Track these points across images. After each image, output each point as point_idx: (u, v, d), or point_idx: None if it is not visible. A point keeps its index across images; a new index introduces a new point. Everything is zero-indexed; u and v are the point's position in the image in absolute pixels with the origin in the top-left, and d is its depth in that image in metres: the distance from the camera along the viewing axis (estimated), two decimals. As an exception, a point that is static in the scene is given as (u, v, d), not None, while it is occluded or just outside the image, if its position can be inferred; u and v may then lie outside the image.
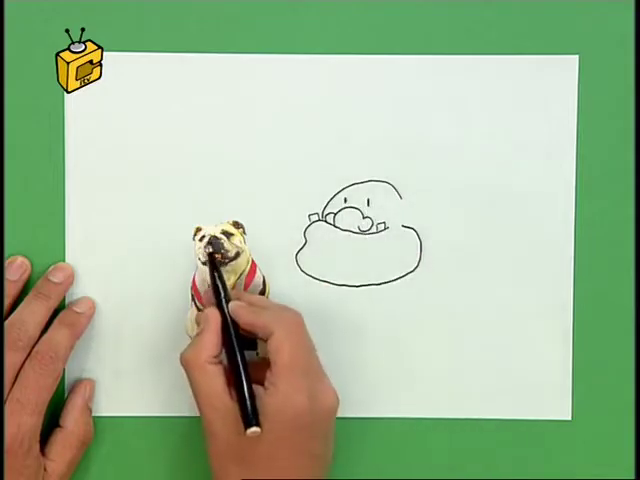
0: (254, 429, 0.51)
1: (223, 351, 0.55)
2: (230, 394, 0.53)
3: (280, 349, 0.53)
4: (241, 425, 0.52)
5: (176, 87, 0.59)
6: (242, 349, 0.54)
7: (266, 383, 0.53)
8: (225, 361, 0.55)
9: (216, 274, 0.57)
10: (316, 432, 0.54)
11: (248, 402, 0.52)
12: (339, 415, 0.60)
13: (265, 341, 0.54)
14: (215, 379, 0.53)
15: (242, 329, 0.55)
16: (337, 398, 0.55)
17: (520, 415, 0.60)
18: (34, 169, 0.59)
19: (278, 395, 0.52)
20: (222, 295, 0.56)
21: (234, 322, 0.55)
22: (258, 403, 0.52)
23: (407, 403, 0.60)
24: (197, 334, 0.55)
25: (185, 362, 0.54)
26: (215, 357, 0.54)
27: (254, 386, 0.53)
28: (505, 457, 0.61)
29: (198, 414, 0.60)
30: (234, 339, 0.54)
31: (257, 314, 0.55)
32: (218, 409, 0.53)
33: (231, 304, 0.55)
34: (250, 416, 0.52)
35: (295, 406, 0.52)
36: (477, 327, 0.60)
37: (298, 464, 0.54)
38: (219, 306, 0.55)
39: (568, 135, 0.59)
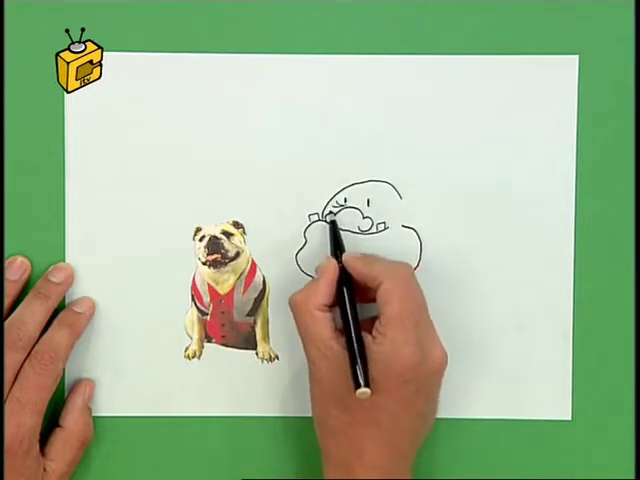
0: (363, 390, 0.51)
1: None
2: (338, 340, 0.54)
3: (389, 300, 0.53)
4: (347, 371, 0.52)
5: (176, 87, 0.59)
6: (354, 300, 0.55)
7: (374, 332, 0.53)
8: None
9: (339, 234, 0.58)
10: (422, 387, 0.54)
11: (359, 361, 0.52)
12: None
13: (374, 293, 0.54)
14: (323, 325, 0.54)
15: (355, 280, 0.55)
16: (446, 356, 0.55)
17: (520, 415, 0.60)
18: (34, 169, 0.59)
19: (386, 344, 0.53)
20: (340, 247, 0.57)
21: (348, 274, 0.55)
22: (366, 351, 0.53)
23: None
24: (312, 280, 0.56)
25: (293, 304, 0.55)
26: (325, 305, 0.54)
27: (362, 333, 0.53)
28: (505, 457, 0.61)
29: (197, 414, 0.60)
30: (345, 289, 0.55)
31: (369, 265, 0.55)
32: (325, 354, 0.54)
33: (345, 255, 0.56)
34: (361, 376, 0.52)
35: (402, 357, 0.52)
36: (477, 327, 0.60)
37: (401, 416, 0.54)
38: (335, 257, 0.56)
39: (568, 135, 0.59)
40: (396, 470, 0.54)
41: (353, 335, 0.53)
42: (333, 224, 0.59)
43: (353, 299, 0.55)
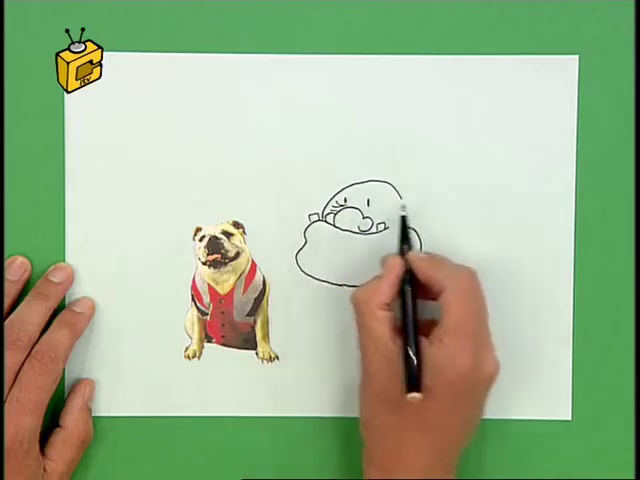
0: (414, 394, 0.51)
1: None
2: (394, 340, 0.53)
3: (450, 308, 0.53)
4: (400, 373, 0.52)
5: (176, 87, 0.59)
6: (415, 302, 0.55)
7: (432, 337, 0.53)
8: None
9: (404, 223, 0.57)
10: (472, 396, 0.54)
11: (414, 365, 0.52)
12: (341, 415, 0.60)
13: (436, 294, 0.54)
14: (383, 324, 0.54)
15: (417, 279, 0.55)
16: (499, 366, 0.55)
17: (520, 415, 0.60)
18: (34, 169, 0.59)
19: (442, 351, 0.53)
20: (406, 247, 0.56)
21: (412, 272, 0.55)
22: (421, 355, 0.53)
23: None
24: (375, 277, 0.55)
25: (356, 301, 0.55)
26: (386, 304, 0.54)
27: (420, 337, 0.53)
28: (505, 457, 0.61)
29: (197, 414, 0.60)
30: (409, 291, 0.55)
31: (434, 268, 0.55)
32: (380, 353, 0.54)
33: (412, 254, 0.56)
34: (413, 380, 0.52)
35: (458, 365, 0.52)
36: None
37: (448, 422, 0.54)
38: (401, 252, 0.56)
39: (568, 135, 0.59)
40: (440, 473, 0.55)
41: (411, 338, 0.53)
42: (404, 220, 0.58)
43: (415, 301, 0.55)
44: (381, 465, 0.55)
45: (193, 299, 0.60)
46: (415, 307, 0.54)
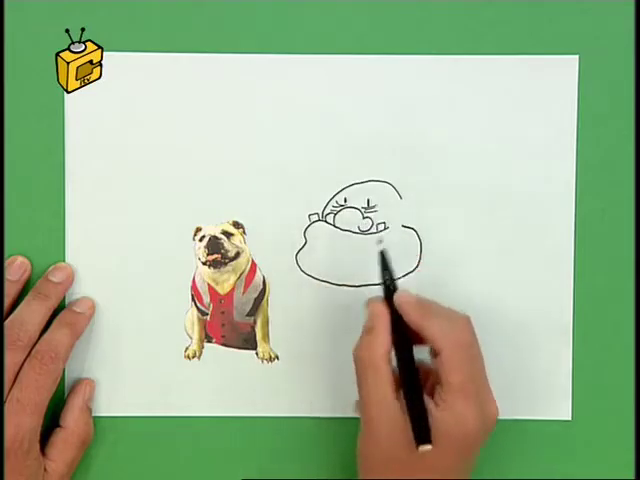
0: (427, 447, 0.51)
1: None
2: (399, 398, 0.52)
3: (451, 370, 0.52)
4: (405, 436, 0.51)
5: (176, 87, 0.59)
6: (411, 351, 0.53)
7: (436, 398, 0.52)
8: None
9: (388, 270, 0.55)
10: (477, 448, 0.54)
11: (421, 417, 0.51)
12: (341, 415, 0.60)
13: (434, 355, 0.53)
14: (388, 383, 0.52)
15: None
16: (498, 409, 0.54)
17: (520, 415, 0.60)
18: (34, 169, 0.59)
19: (448, 413, 0.52)
20: (392, 289, 0.54)
21: (401, 317, 0.53)
22: (427, 415, 0.52)
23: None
24: (367, 329, 0.54)
25: (360, 360, 0.53)
26: (389, 354, 0.53)
27: (424, 396, 0.52)
28: (505, 457, 0.61)
29: (197, 414, 0.60)
30: (402, 343, 0.53)
31: (426, 319, 0.53)
32: (387, 415, 0.52)
33: (398, 295, 0.54)
34: (424, 433, 0.51)
35: (467, 426, 0.52)
36: (477, 327, 0.60)
37: (457, 476, 0.53)
38: (388, 300, 0.54)
39: (568, 135, 0.59)
40: None
41: (415, 391, 0.52)
42: (383, 255, 0.55)
43: (411, 350, 0.53)
44: None
45: (193, 299, 0.60)
46: (412, 356, 0.53)
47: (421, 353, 0.54)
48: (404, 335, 0.53)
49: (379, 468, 0.54)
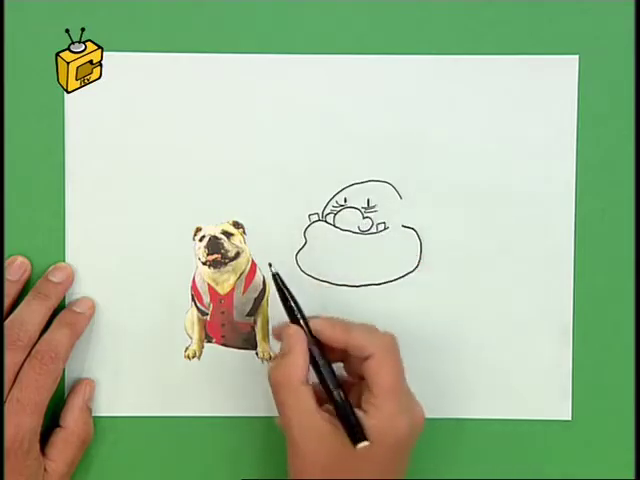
0: (365, 443, 0.51)
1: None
2: (321, 413, 0.53)
3: (381, 372, 0.53)
4: (336, 446, 0.52)
5: (176, 87, 0.59)
6: (331, 366, 0.54)
7: (365, 405, 0.53)
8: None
9: (287, 293, 0.55)
10: (409, 451, 0.54)
11: (352, 417, 0.52)
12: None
13: (359, 360, 0.53)
14: (309, 400, 0.53)
15: (327, 346, 0.54)
16: (424, 413, 0.54)
17: (520, 415, 0.60)
18: (34, 169, 0.59)
19: (381, 417, 0.52)
20: (299, 315, 0.55)
21: (317, 339, 0.54)
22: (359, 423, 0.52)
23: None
24: (283, 353, 0.54)
25: (276, 383, 0.54)
26: (305, 376, 0.53)
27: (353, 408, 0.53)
28: (505, 457, 0.61)
29: (197, 414, 0.60)
30: (322, 358, 0.54)
31: (348, 332, 0.54)
32: (313, 430, 0.53)
33: (314, 321, 0.55)
34: (358, 430, 0.51)
35: (398, 428, 0.52)
36: (477, 327, 0.60)
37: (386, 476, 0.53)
38: (298, 323, 0.55)
39: (568, 135, 0.59)
40: None
41: (344, 401, 0.53)
42: (276, 278, 0.56)
43: (329, 363, 0.54)
44: None
45: (193, 299, 0.60)
46: (333, 373, 0.54)
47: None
48: (321, 353, 0.54)
49: None
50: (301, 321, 0.55)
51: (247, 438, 0.60)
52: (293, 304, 0.55)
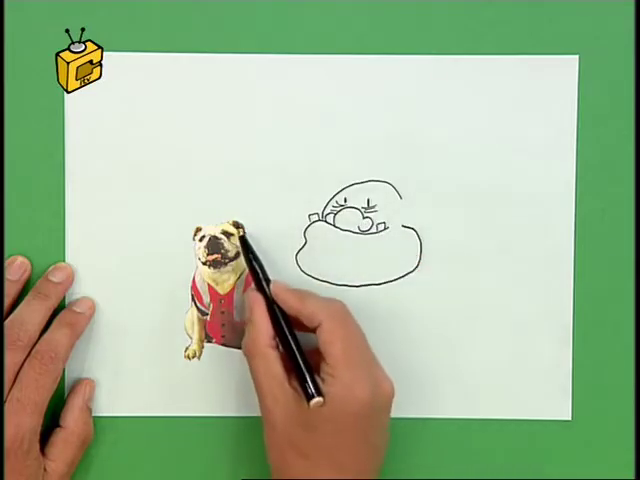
0: (317, 399, 0.51)
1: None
2: (290, 382, 0.53)
3: (332, 340, 0.53)
4: (302, 416, 0.52)
5: (176, 87, 0.59)
6: (291, 329, 0.54)
7: (322, 374, 0.53)
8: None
9: (251, 256, 0.57)
10: (375, 422, 0.54)
11: (307, 375, 0.52)
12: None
13: (311, 331, 0.54)
14: (275, 365, 0.54)
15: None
16: (393, 386, 0.54)
17: (520, 415, 0.60)
18: (34, 169, 0.59)
19: (337, 385, 0.52)
20: (261, 276, 0.56)
21: (276, 304, 0.55)
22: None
23: (406, 403, 0.60)
24: (247, 321, 0.55)
25: (246, 350, 0.55)
26: (273, 339, 0.54)
27: (314, 376, 0.53)
28: (505, 457, 0.61)
29: (197, 414, 0.60)
30: (282, 319, 0.55)
31: (302, 300, 0.55)
32: (278, 398, 0.53)
33: (272, 285, 0.56)
34: (311, 387, 0.52)
35: (357, 396, 0.52)
36: (477, 327, 0.60)
37: (359, 455, 0.54)
38: (260, 288, 0.56)
39: (568, 135, 0.59)
40: None
41: (300, 360, 0.53)
42: (244, 241, 0.58)
43: (290, 328, 0.55)
44: None
45: (193, 299, 0.60)
46: (294, 335, 0.54)
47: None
48: (284, 320, 0.54)
49: (282, 456, 0.54)
50: (264, 284, 0.55)
51: (247, 438, 0.60)
52: (257, 267, 0.56)
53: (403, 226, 0.60)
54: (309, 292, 0.56)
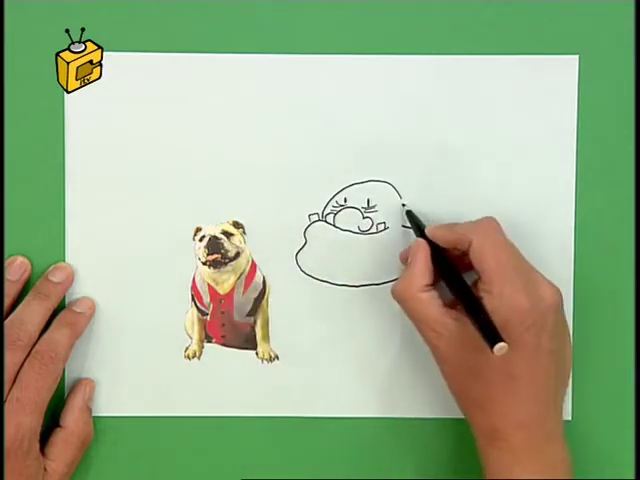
0: (501, 345, 0.50)
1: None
2: (450, 315, 0.54)
3: (483, 254, 0.53)
4: (469, 341, 0.52)
5: (176, 87, 0.59)
6: (454, 266, 0.55)
7: (480, 292, 0.53)
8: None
9: (410, 215, 0.58)
10: (542, 328, 0.53)
11: (485, 317, 0.51)
12: (336, 415, 0.60)
13: (467, 258, 0.54)
14: (432, 305, 0.54)
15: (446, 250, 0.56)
16: (558, 291, 0.54)
17: (520, 415, 0.60)
18: (34, 169, 0.59)
19: (495, 300, 0.52)
20: (422, 226, 0.57)
21: (439, 248, 0.56)
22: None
23: (406, 403, 0.60)
24: (406, 267, 0.56)
25: (397, 295, 0.55)
26: (427, 285, 0.54)
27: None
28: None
29: (197, 414, 0.60)
30: (444, 260, 0.55)
31: (451, 229, 0.55)
32: (441, 333, 0.54)
33: (427, 229, 0.56)
34: (493, 333, 0.50)
35: (515, 306, 0.52)
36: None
37: (534, 363, 0.53)
38: (422, 236, 0.56)
39: (568, 135, 0.59)
40: (544, 421, 0.54)
41: (469, 297, 0.53)
42: (409, 213, 0.59)
43: (454, 266, 0.55)
44: (489, 432, 0.54)
45: (193, 299, 0.60)
46: (457, 271, 0.55)
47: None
48: (448, 263, 0.55)
49: (459, 382, 0.55)
50: (426, 232, 0.56)
51: (247, 438, 0.60)
52: (420, 223, 0.57)
53: (403, 226, 0.60)
54: (459, 223, 0.56)
